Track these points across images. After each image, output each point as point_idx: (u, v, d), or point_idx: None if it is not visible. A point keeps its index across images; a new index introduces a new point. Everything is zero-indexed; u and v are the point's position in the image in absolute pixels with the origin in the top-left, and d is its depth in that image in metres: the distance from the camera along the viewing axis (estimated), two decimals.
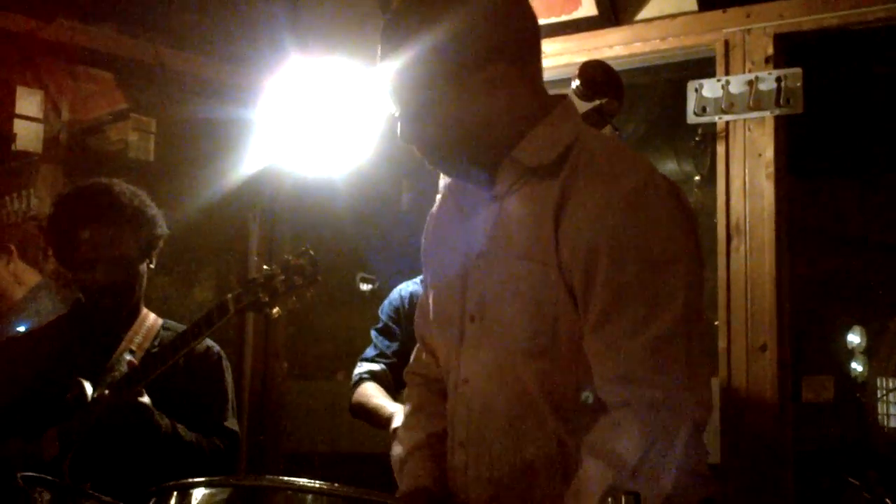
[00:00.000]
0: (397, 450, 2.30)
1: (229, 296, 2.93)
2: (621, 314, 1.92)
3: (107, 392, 2.98)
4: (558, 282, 1.97)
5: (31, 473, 2.27)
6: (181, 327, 3.28)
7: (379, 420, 3.33)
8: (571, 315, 1.98)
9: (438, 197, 2.37)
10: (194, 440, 3.11)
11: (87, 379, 3.05)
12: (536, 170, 2.04)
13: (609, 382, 1.94)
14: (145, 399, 2.99)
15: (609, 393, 1.94)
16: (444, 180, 2.37)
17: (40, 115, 4.65)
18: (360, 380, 3.54)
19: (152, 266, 3.27)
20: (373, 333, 3.63)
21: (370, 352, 3.60)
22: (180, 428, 3.10)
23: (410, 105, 2.07)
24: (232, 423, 3.28)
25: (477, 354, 2.10)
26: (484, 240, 2.11)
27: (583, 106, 3.34)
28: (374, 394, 3.45)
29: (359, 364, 3.62)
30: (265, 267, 2.93)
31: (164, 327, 3.32)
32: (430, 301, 2.27)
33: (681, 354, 1.90)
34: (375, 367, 3.54)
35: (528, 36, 2.11)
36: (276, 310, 2.89)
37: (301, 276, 2.84)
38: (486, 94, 2.03)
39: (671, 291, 1.91)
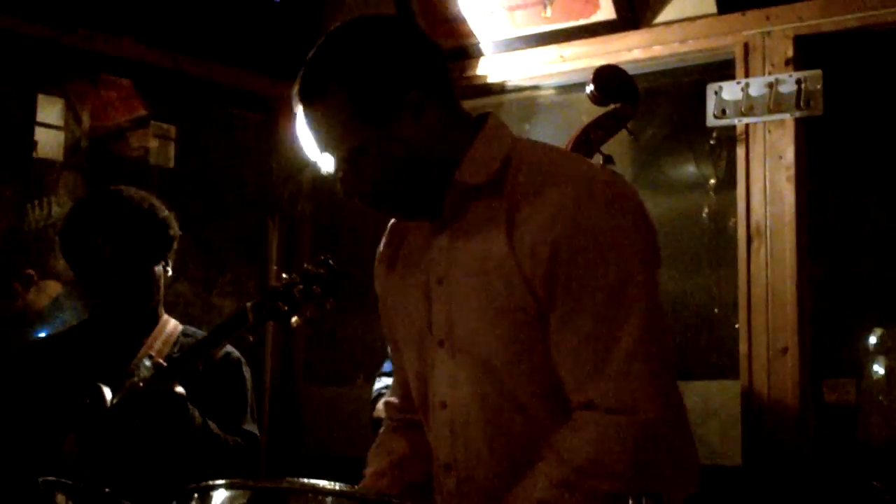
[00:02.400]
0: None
1: (248, 304, 2.92)
2: (582, 317, 1.93)
3: (141, 384, 2.98)
4: (522, 291, 1.98)
5: (51, 478, 2.28)
6: (201, 333, 3.28)
7: None
8: (540, 320, 1.99)
9: (384, 237, 2.37)
10: (221, 434, 3.12)
11: (107, 384, 3.06)
12: (480, 188, 2.05)
13: (573, 384, 1.96)
14: (180, 389, 2.98)
15: (574, 394, 1.96)
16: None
17: (61, 123, 4.67)
18: (380, 395, 3.55)
19: (169, 269, 3.27)
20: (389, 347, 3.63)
21: (388, 366, 3.61)
22: (210, 422, 3.10)
23: (342, 158, 2.07)
24: (250, 427, 3.28)
25: (450, 377, 2.10)
26: (441, 266, 2.11)
27: (600, 110, 3.34)
28: None
29: (378, 379, 3.63)
30: (283, 275, 2.91)
31: (184, 333, 3.32)
32: (398, 336, 2.29)
33: (644, 355, 1.92)
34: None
35: (433, 60, 2.12)
36: (294, 319, 2.89)
37: (320, 286, 2.83)
38: (411, 124, 2.03)
39: (629, 290, 1.93)
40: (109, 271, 3.15)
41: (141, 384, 2.95)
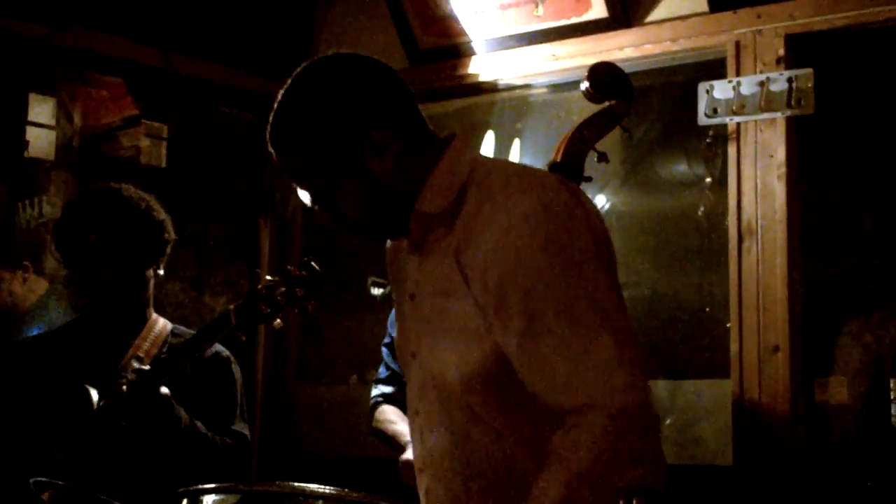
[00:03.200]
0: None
1: (231, 307, 2.96)
2: (546, 332, 1.96)
3: (124, 388, 2.98)
4: (477, 316, 2.03)
5: (41, 479, 2.28)
6: (190, 333, 3.29)
7: (396, 446, 3.34)
8: (495, 343, 2.03)
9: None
10: (209, 435, 3.11)
11: (95, 384, 3.06)
12: (440, 216, 2.11)
13: (555, 393, 1.97)
14: (165, 390, 2.99)
15: (558, 402, 1.97)
16: None
17: (52, 122, 4.66)
18: (377, 403, 3.56)
19: (161, 272, 3.27)
20: (383, 350, 3.63)
21: (383, 371, 3.60)
22: (197, 422, 3.10)
23: (316, 196, 2.18)
24: (240, 426, 3.27)
25: (419, 389, 2.20)
26: (412, 284, 2.19)
27: (592, 108, 3.34)
28: (392, 419, 3.46)
29: (374, 386, 3.63)
30: (268, 277, 2.95)
31: (173, 333, 3.32)
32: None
33: (612, 360, 1.93)
34: (389, 389, 3.55)
35: (397, 94, 2.17)
36: (277, 321, 2.91)
37: (303, 289, 2.86)
38: (375, 161, 2.10)
39: (584, 301, 1.96)
40: (100, 269, 3.15)
41: (125, 388, 2.96)
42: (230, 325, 2.93)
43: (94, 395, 3.02)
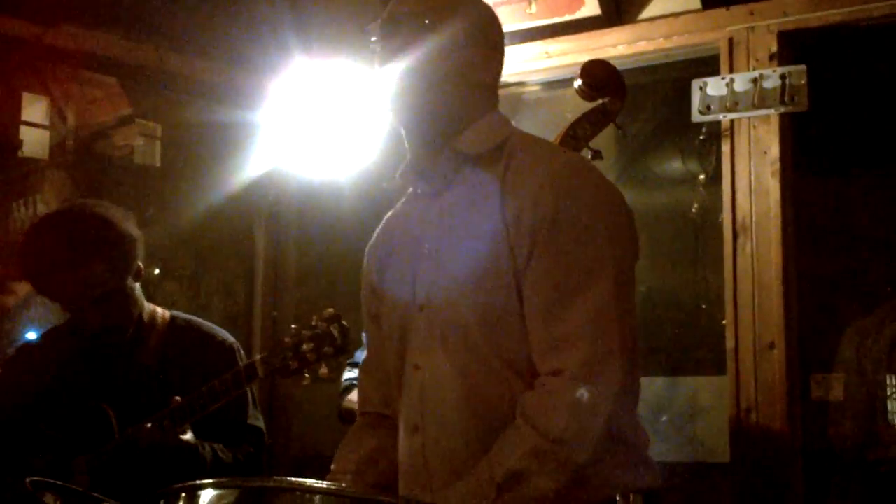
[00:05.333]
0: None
1: (258, 357, 2.92)
2: (552, 284, 2.05)
3: (149, 426, 2.94)
4: (505, 257, 2.09)
5: (39, 478, 2.27)
6: (191, 318, 3.31)
7: None
8: (518, 289, 2.10)
9: (378, 230, 2.51)
10: (233, 460, 3.09)
11: (105, 393, 3.04)
12: (476, 159, 2.21)
13: (542, 350, 2.06)
14: (188, 437, 2.96)
15: (541, 360, 2.06)
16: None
17: (46, 122, 4.66)
18: (350, 386, 3.55)
19: (142, 273, 3.19)
20: (364, 336, 3.63)
21: (359, 355, 3.60)
22: (219, 451, 3.07)
23: (401, 61, 2.23)
24: (255, 419, 3.25)
25: (425, 342, 2.21)
26: (431, 233, 2.25)
27: (586, 106, 3.34)
28: None
29: (348, 369, 3.62)
30: (293, 326, 2.87)
31: (173, 321, 3.27)
32: (383, 300, 2.39)
33: (611, 325, 2.02)
34: None
35: (501, 34, 2.36)
36: (306, 379, 2.86)
37: (332, 347, 2.81)
38: (472, 72, 2.25)
39: (601, 263, 2.05)
40: (82, 308, 3.09)
41: (149, 425, 2.92)
42: (257, 376, 2.91)
43: (114, 416, 3.01)
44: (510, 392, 2.10)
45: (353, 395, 3.50)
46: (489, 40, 2.30)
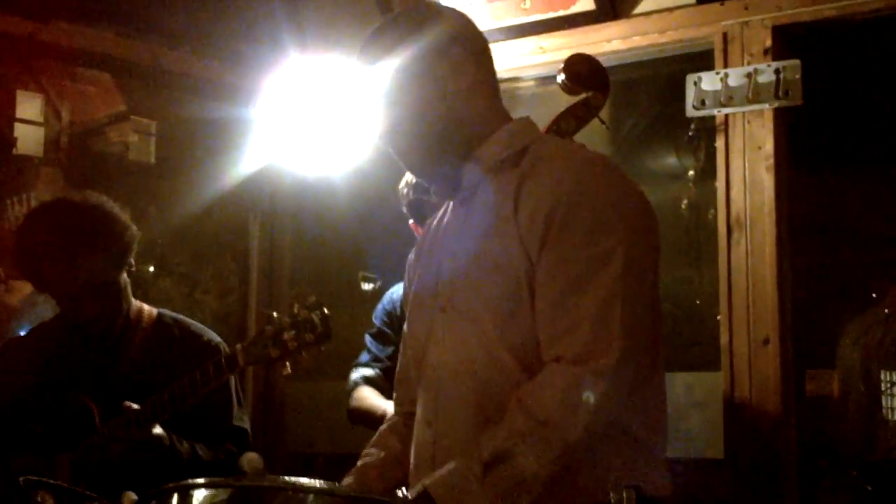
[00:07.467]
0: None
1: (238, 347, 2.89)
2: (561, 275, 2.07)
3: (127, 419, 2.95)
4: (519, 251, 2.12)
5: (32, 477, 2.27)
6: (178, 317, 3.32)
7: (374, 420, 3.30)
8: (530, 285, 2.12)
9: (417, 242, 2.58)
10: (212, 458, 3.08)
11: (90, 389, 3.04)
12: (499, 164, 2.23)
13: (547, 342, 2.08)
14: (158, 430, 2.96)
15: (546, 351, 2.08)
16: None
17: (41, 119, 4.65)
18: (356, 385, 3.56)
19: (132, 269, 3.20)
20: (367, 339, 3.64)
21: (364, 357, 3.61)
22: (198, 447, 3.08)
23: (385, 92, 2.26)
24: (240, 420, 3.24)
25: (445, 340, 2.25)
26: (454, 239, 2.30)
27: (569, 100, 3.34)
28: (369, 396, 3.47)
29: (354, 370, 3.63)
30: (274, 314, 2.84)
31: (160, 319, 3.28)
32: (409, 305, 2.47)
33: (614, 314, 2.02)
34: (370, 371, 3.56)
35: (482, 40, 2.36)
36: (287, 369, 2.84)
37: (312, 334, 2.77)
38: (452, 81, 2.24)
39: (611, 256, 2.06)
40: (75, 300, 3.09)
41: (118, 431, 2.93)
42: (237, 365, 2.89)
43: (96, 410, 3.01)
44: (518, 388, 2.11)
45: (359, 394, 3.52)
46: (468, 48, 2.30)
